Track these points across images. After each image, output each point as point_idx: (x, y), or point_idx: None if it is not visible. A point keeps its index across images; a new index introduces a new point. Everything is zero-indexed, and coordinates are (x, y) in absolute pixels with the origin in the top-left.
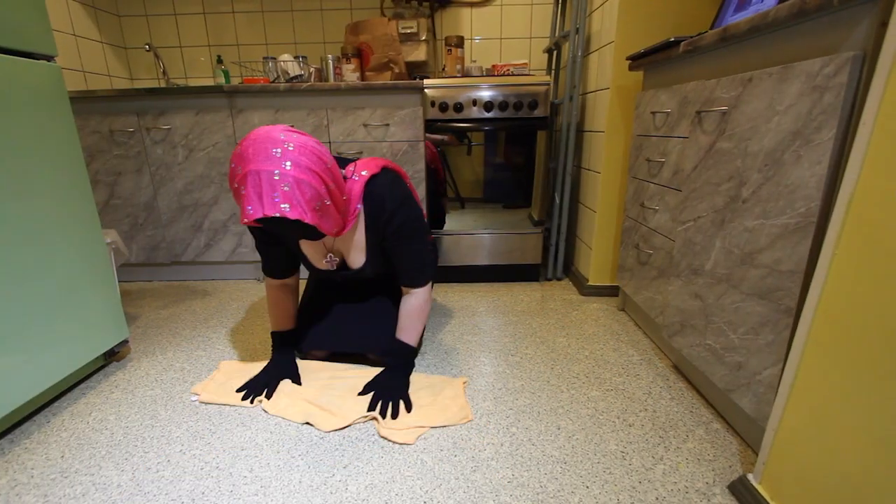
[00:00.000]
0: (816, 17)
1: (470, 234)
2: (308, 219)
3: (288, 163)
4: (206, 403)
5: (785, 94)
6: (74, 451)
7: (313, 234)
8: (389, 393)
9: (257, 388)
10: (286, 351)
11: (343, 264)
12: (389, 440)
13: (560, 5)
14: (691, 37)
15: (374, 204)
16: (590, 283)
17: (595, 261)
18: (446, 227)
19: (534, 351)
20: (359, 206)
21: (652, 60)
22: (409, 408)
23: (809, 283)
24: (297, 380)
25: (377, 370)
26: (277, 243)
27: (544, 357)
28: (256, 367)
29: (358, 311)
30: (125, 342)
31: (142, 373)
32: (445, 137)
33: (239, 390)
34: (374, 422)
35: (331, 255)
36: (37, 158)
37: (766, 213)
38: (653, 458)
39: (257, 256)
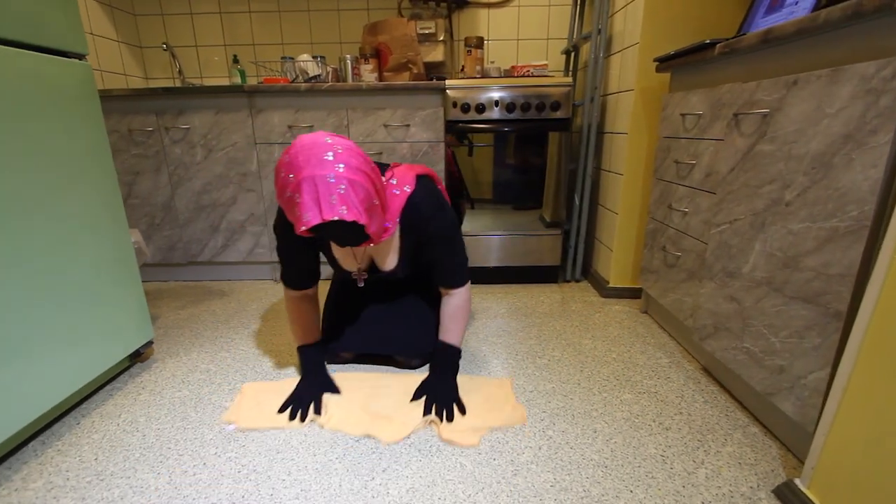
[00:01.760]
0: (873, 20)
1: (489, 236)
2: (363, 220)
3: (341, 165)
4: (247, 430)
5: (835, 97)
6: (107, 454)
7: (362, 237)
8: (443, 396)
9: (302, 404)
10: (318, 364)
11: (372, 267)
12: (453, 442)
13: (578, 7)
14: (727, 39)
15: (411, 210)
16: (610, 284)
17: (616, 263)
18: (462, 228)
19: (561, 353)
20: (397, 218)
21: (682, 62)
22: (462, 410)
23: (861, 287)
24: (336, 392)
25: (415, 375)
26: (307, 250)
27: (572, 359)
28: (283, 386)
29: (385, 312)
30: (150, 343)
31: (167, 374)
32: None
33: (281, 410)
34: (434, 426)
35: (359, 268)
36: (68, 156)
37: (812, 216)
38: (693, 461)
39: (275, 257)
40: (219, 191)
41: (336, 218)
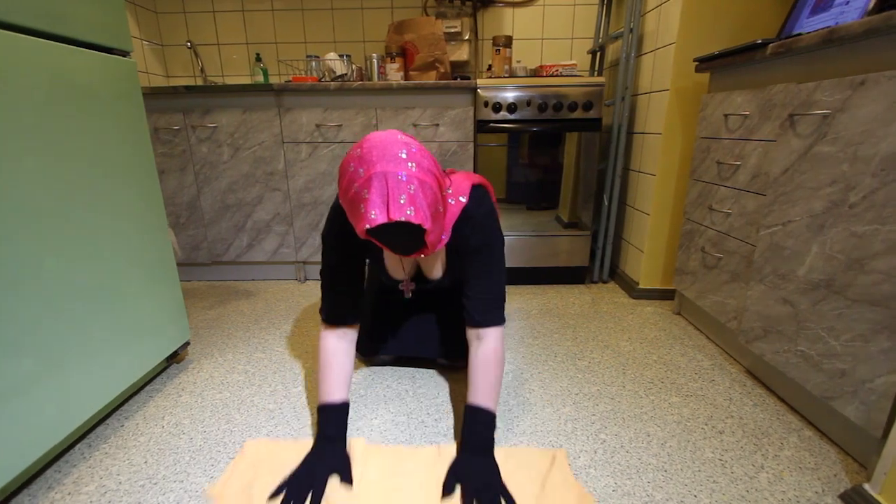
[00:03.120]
0: None
1: (516, 237)
2: (427, 224)
3: (413, 164)
4: None
5: None
6: (157, 457)
7: (420, 243)
8: (483, 485)
9: (298, 493)
10: (338, 431)
11: (418, 276)
12: None
13: (605, 6)
14: (779, 39)
15: (463, 221)
16: (640, 286)
17: (646, 264)
18: None
19: (600, 355)
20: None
21: (726, 62)
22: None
23: None
24: (348, 476)
25: (449, 450)
26: (355, 262)
27: (612, 362)
28: (294, 451)
29: (426, 316)
30: (186, 344)
31: (205, 375)
32: None
33: (272, 497)
34: None
35: (406, 279)
36: (112, 154)
37: (881, 218)
38: (753, 466)
39: (300, 256)
40: (245, 190)
41: (402, 219)
